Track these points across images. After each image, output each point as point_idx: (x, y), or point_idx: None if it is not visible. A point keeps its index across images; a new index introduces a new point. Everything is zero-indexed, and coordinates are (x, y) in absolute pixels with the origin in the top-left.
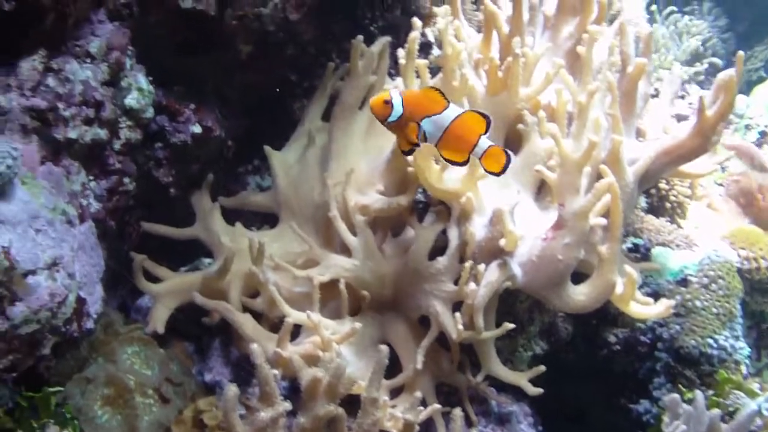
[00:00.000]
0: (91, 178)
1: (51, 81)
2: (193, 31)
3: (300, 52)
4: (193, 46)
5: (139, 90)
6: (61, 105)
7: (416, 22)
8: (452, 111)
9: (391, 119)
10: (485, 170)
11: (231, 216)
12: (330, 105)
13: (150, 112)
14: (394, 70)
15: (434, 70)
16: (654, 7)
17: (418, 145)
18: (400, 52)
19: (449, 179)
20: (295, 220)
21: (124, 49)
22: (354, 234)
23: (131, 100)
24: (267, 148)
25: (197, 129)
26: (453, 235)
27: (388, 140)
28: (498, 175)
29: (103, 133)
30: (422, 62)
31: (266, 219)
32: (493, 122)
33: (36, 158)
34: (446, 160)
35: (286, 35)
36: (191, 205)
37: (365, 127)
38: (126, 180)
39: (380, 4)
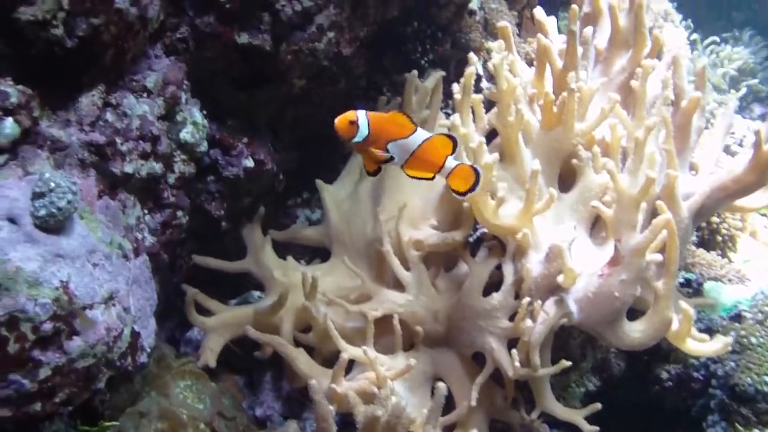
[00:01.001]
0: (146, 211)
1: (109, 116)
2: (248, 65)
3: (351, 86)
4: (247, 81)
5: (193, 124)
6: (118, 139)
7: (472, 57)
8: (419, 136)
9: (356, 140)
10: (452, 190)
11: (279, 249)
12: None
13: (204, 146)
14: (443, 103)
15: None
16: (695, 36)
17: (383, 163)
18: (455, 87)
19: (505, 215)
20: (348, 255)
21: (179, 84)
22: (407, 269)
23: (186, 134)
24: (319, 182)
25: (250, 163)
26: (508, 270)
27: None
28: (464, 195)
29: (158, 167)
30: (477, 97)
31: (315, 252)
32: (548, 157)
33: (94, 192)
34: (411, 176)
35: (338, 69)
36: (241, 238)
37: None
38: (179, 213)
39: (430, 38)
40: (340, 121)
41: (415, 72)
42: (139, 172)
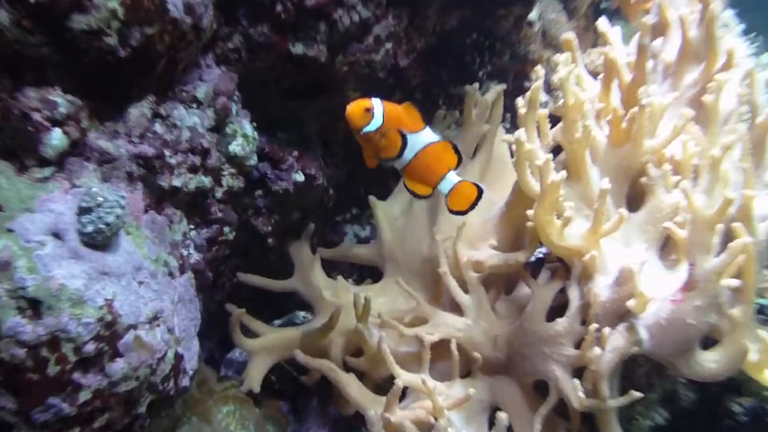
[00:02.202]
0: (192, 227)
1: (158, 127)
2: (302, 76)
3: (407, 98)
4: (300, 92)
5: (244, 136)
6: (167, 152)
7: (538, 70)
8: (428, 134)
9: (367, 129)
10: (449, 209)
11: (327, 267)
12: None
13: (254, 160)
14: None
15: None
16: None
17: (395, 158)
18: (520, 101)
19: (571, 235)
20: (401, 275)
21: (230, 95)
22: (466, 291)
23: (236, 146)
24: (372, 199)
25: (300, 177)
26: (574, 295)
27: (501, 191)
28: (463, 214)
29: (207, 181)
30: (543, 112)
31: (364, 271)
32: (616, 175)
33: (140, 206)
34: (408, 189)
35: (394, 81)
36: (288, 256)
37: (478, 176)
38: (226, 230)
39: (488, 50)
40: (354, 108)
41: (475, 85)
42: (188, 186)
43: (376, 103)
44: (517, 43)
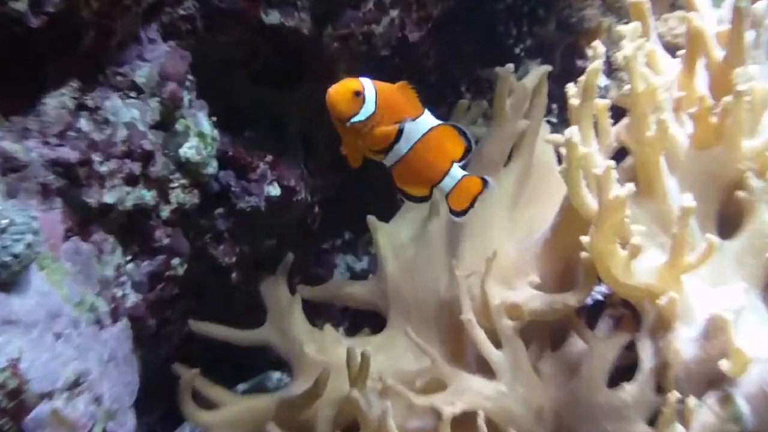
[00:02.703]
0: (129, 258)
1: (84, 124)
2: (278, 55)
3: (418, 82)
4: (276, 77)
5: (199, 136)
6: (96, 157)
7: (596, 45)
8: (426, 120)
9: (357, 119)
10: (450, 210)
11: (311, 311)
12: None
13: (213, 167)
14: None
15: None
16: None
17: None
18: (571, 88)
19: (641, 271)
20: (411, 324)
21: (182, 80)
22: (498, 346)
23: (189, 149)
24: (371, 219)
25: (274, 190)
26: (645, 351)
27: (545, 210)
28: (463, 214)
29: (149, 197)
30: (603, 103)
31: (358, 317)
32: (702, 188)
33: (59, 231)
34: (400, 191)
35: (402, 60)
36: (259, 296)
37: (513, 190)
38: (175, 262)
39: (528, 17)
40: (339, 91)
41: (510, 66)
42: (123, 203)
43: (368, 85)
44: (567, 7)
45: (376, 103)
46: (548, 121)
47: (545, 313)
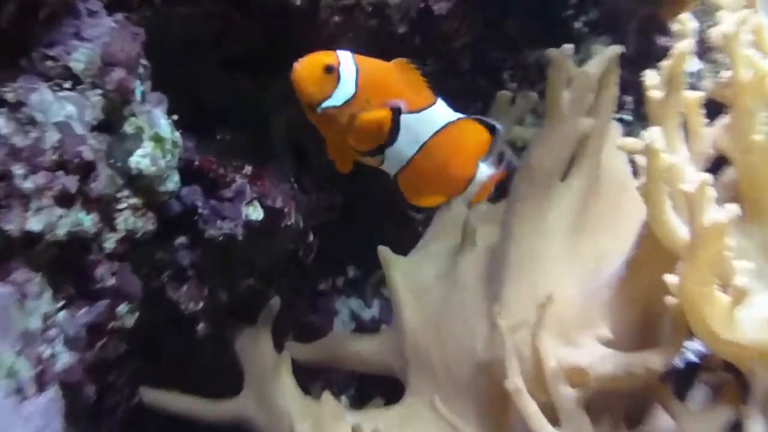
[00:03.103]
0: (62, 303)
1: (2, 124)
2: (259, 34)
3: (446, 69)
4: (257, 62)
5: (155, 140)
6: (18, 169)
7: (684, 19)
8: (439, 112)
9: (329, 103)
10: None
11: (302, 375)
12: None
13: (173, 182)
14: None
15: None
16: None
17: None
18: (650, 77)
19: (750, 322)
20: (438, 392)
21: (132, 65)
22: (555, 423)
23: (141, 158)
24: (384, 252)
25: (255, 213)
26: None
27: (616, 238)
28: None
29: (88, 222)
30: (694, 96)
31: (367, 383)
32: None
33: None
34: (409, 205)
35: (424, 40)
36: (230, 354)
37: (574, 213)
38: (122, 309)
39: None
40: (305, 66)
41: (567, 47)
42: (54, 231)
43: (345, 60)
44: None
45: (356, 82)
46: (620, 120)
47: (619, 379)
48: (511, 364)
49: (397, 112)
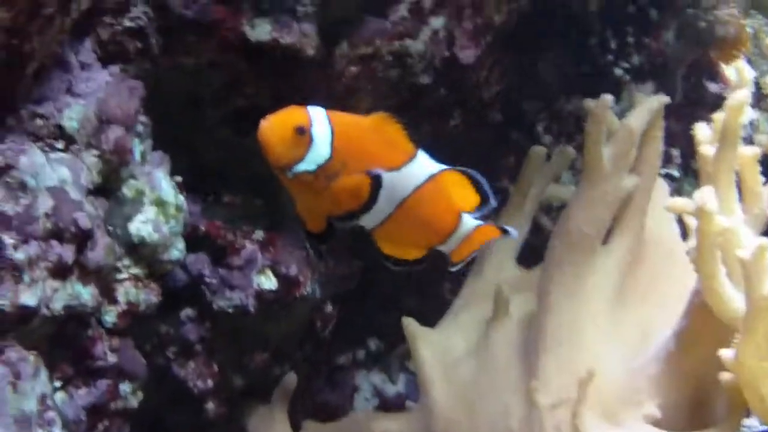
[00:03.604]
0: (60, 384)
1: None
2: (268, 86)
3: (474, 122)
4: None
5: (157, 204)
6: (8, 239)
7: (740, 65)
8: (420, 166)
9: (300, 168)
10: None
11: None
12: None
13: (177, 250)
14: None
15: None
16: None
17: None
18: (702, 130)
19: None
20: None
21: (130, 123)
22: None
23: (143, 225)
24: (409, 323)
25: (268, 282)
26: None
27: (666, 308)
28: (457, 266)
29: (86, 295)
30: (751, 152)
31: None
32: None
33: None
34: (385, 258)
35: (449, 90)
36: None
37: (617, 280)
38: (125, 388)
39: (634, 22)
40: (274, 125)
41: (607, 97)
42: (50, 306)
43: (317, 117)
44: (692, 5)
45: (331, 144)
46: (666, 175)
47: None
48: None
49: (376, 180)
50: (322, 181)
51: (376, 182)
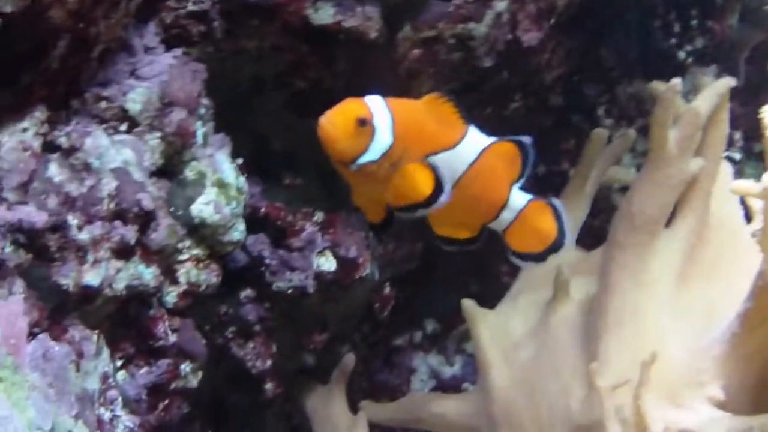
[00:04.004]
0: (121, 363)
1: (55, 171)
2: (331, 70)
3: (536, 106)
4: (327, 101)
5: (218, 186)
6: (73, 219)
7: None
8: (473, 141)
9: (364, 159)
10: (513, 253)
11: None
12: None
13: (238, 231)
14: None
15: None
16: None
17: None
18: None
19: None
20: None
21: (193, 106)
22: None
23: (204, 206)
24: (468, 305)
25: (327, 263)
26: None
27: (730, 289)
28: (537, 259)
29: (148, 275)
30: None
31: None
32: None
33: (21, 326)
34: (440, 239)
35: (512, 74)
36: (303, 415)
37: (681, 261)
38: (185, 368)
39: (698, 6)
40: (335, 120)
41: (676, 81)
42: (112, 285)
43: (377, 107)
44: None
45: (392, 131)
46: (730, 159)
47: None
48: (612, 428)
49: (439, 184)
50: (385, 169)
51: (439, 185)
